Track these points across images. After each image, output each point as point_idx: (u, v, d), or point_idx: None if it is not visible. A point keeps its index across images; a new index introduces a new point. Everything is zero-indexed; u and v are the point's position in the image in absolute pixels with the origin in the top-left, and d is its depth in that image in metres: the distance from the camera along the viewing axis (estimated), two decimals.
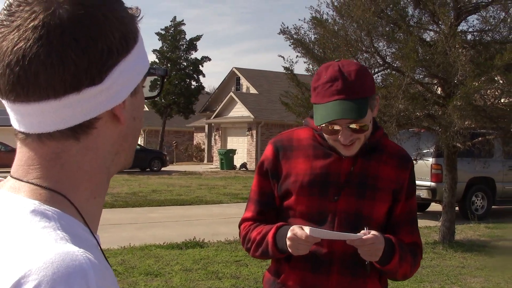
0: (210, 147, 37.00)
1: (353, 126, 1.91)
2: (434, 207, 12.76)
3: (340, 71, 1.92)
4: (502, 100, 8.67)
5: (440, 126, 8.61)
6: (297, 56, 9.50)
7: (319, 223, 1.97)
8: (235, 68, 36.51)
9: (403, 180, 2.06)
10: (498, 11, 8.84)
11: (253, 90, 34.37)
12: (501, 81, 8.48)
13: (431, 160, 11.66)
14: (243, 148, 31.84)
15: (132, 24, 0.84)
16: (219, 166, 30.44)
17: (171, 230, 10.30)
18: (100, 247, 0.82)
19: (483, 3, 8.86)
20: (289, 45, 9.33)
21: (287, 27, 9.31)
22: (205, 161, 37.41)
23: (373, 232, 1.86)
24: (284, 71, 10.04)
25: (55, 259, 0.69)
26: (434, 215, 11.40)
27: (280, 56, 9.75)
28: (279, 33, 9.26)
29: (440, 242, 9.30)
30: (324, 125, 1.93)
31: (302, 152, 2.05)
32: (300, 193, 2.00)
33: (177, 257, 7.80)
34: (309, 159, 2.03)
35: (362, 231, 1.86)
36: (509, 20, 8.69)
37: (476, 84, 7.69)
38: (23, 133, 0.81)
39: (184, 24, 38.10)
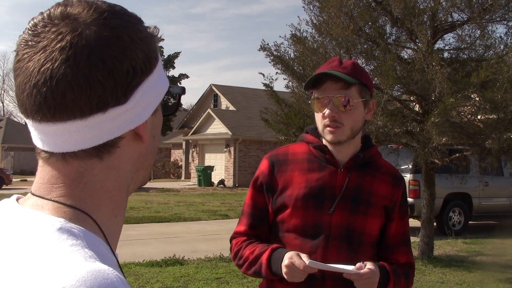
0: (187, 163, 36.83)
1: (339, 97, 1.95)
2: (412, 222, 12.85)
3: (339, 59, 2.04)
4: (479, 117, 8.82)
5: (419, 143, 8.72)
6: (276, 73, 9.54)
7: (313, 237, 1.98)
8: (213, 84, 36.52)
9: (396, 198, 2.09)
10: (474, 30, 9.01)
11: (231, 107, 34.41)
12: (477, 98, 8.63)
13: (408, 176, 11.76)
14: (221, 165, 31.76)
15: (152, 44, 0.85)
16: (196, 183, 30.31)
17: (150, 247, 10.20)
18: (119, 265, 0.82)
19: (459, 22, 9.02)
20: (269, 62, 9.39)
21: (267, 44, 9.37)
22: (183, 178, 37.20)
23: (368, 265, 1.87)
24: (264, 88, 10.09)
25: (88, 277, 0.69)
26: (412, 231, 11.45)
27: (260, 73, 9.76)
28: (259, 50, 9.31)
29: (419, 258, 9.36)
30: (314, 99, 2.00)
31: (297, 165, 2.06)
32: (296, 206, 2.00)
33: (157, 275, 7.72)
34: (304, 172, 2.04)
35: (358, 264, 1.87)
36: (484, 38, 8.86)
37: (453, 100, 7.81)
38: (46, 152, 0.81)
39: (162, 40, 38.03)
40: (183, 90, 0.98)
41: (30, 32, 0.79)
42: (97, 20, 0.78)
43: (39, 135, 0.81)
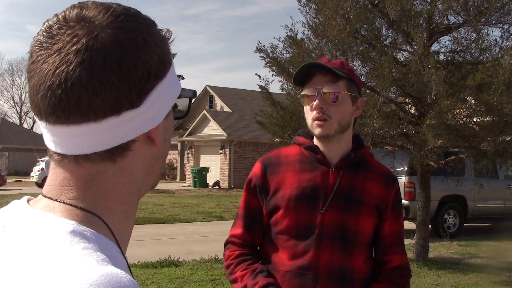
0: (182, 165, 36.79)
1: (327, 89, 1.97)
2: (407, 225, 12.87)
3: (328, 58, 2.09)
4: (474, 120, 8.83)
5: (414, 145, 8.72)
6: (272, 74, 9.54)
7: (306, 237, 1.98)
8: (208, 86, 36.50)
9: (388, 198, 2.09)
10: (469, 33, 9.03)
11: (226, 108, 34.40)
12: (472, 101, 8.64)
13: (404, 178, 11.77)
14: (216, 166, 31.74)
15: (166, 47, 0.85)
16: (192, 184, 30.26)
17: (145, 249, 10.17)
18: (129, 267, 0.81)
19: (455, 25, 9.05)
20: (265, 64, 9.38)
21: (263, 46, 9.36)
22: (178, 179, 37.15)
23: None
24: (259, 90, 10.08)
25: (101, 280, 0.68)
26: (407, 233, 11.49)
27: (256, 74, 9.77)
28: (255, 51, 9.31)
29: (414, 260, 9.37)
30: (304, 94, 2.03)
31: (289, 167, 2.07)
32: (288, 207, 2.01)
33: (152, 276, 7.70)
34: (296, 173, 2.05)
35: None
36: (479, 41, 8.88)
37: (449, 103, 7.82)
38: (59, 154, 0.81)
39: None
40: (194, 94, 0.98)
41: (45, 34, 0.79)
42: (112, 23, 0.78)
43: (52, 137, 0.80)
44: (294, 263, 1.98)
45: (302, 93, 2.04)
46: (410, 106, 9.63)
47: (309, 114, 2.03)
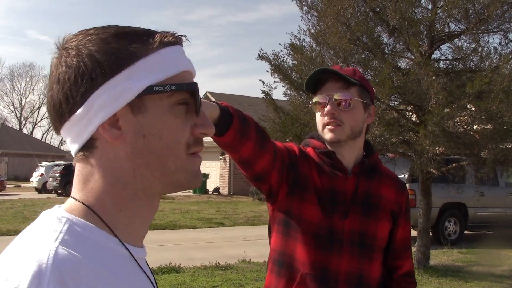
0: None
1: (339, 95, 1.98)
2: None
3: (340, 66, 2.09)
4: (475, 127, 8.84)
5: (415, 152, 8.73)
6: (275, 81, 9.55)
7: (326, 240, 1.98)
8: (208, 92, 36.51)
9: (401, 203, 2.12)
10: (470, 41, 9.05)
11: None
12: (472, 109, 8.65)
13: None
14: (216, 173, 31.73)
15: (117, 53, 0.89)
16: (191, 191, 30.25)
17: None
18: (135, 258, 0.91)
19: (455, 33, 9.07)
20: (267, 71, 9.40)
21: (265, 53, 9.38)
22: None
23: None
24: (261, 96, 10.09)
25: (43, 256, 0.80)
26: None
27: (260, 80, 9.78)
28: (257, 58, 9.32)
29: (415, 267, 9.36)
30: (315, 101, 2.03)
31: (313, 164, 2.06)
32: (313, 202, 1.99)
33: None
34: (318, 174, 2.04)
35: None
36: (479, 49, 8.90)
37: (448, 110, 7.83)
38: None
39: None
40: (190, 86, 0.95)
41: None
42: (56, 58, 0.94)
43: None
44: (315, 265, 1.97)
45: (314, 100, 2.04)
46: (411, 113, 9.64)
47: (320, 120, 2.03)
